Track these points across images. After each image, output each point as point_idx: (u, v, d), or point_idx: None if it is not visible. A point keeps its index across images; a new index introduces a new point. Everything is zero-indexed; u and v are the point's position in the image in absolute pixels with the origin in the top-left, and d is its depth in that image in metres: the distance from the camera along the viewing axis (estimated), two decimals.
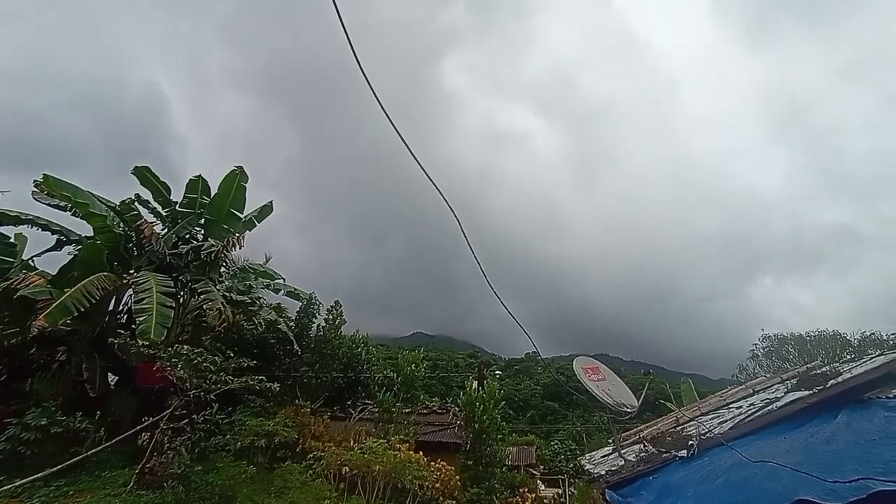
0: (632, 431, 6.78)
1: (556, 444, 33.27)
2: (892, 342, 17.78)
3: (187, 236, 12.94)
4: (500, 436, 14.21)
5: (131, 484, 7.96)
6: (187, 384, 8.48)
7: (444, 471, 10.42)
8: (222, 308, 10.65)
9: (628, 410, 4.55)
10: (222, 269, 13.62)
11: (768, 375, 8.15)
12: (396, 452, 9.74)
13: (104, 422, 9.27)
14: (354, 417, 12.95)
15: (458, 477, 10.81)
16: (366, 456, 9.33)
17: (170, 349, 8.54)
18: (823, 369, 5.36)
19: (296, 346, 14.17)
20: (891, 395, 3.64)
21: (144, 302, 9.45)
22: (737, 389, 6.91)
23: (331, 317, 15.90)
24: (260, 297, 14.49)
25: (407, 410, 13.88)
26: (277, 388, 10.32)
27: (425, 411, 15.58)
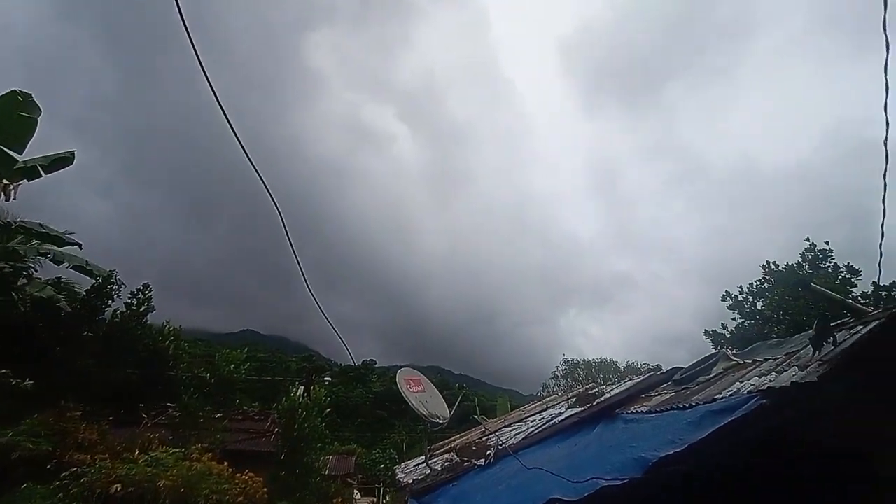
0: (446, 441, 7.28)
1: (378, 452, 33.64)
2: (643, 370, 23.39)
3: None
4: (321, 444, 13.72)
5: None
6: None
7: (250, 483, 9.48)
8: None
9: (440, 422, 4.89)
10: None
11: (560, 394, 9.70)
12: (194, 463, 8.50)
13: None
14: (146, 423, 10.90)
15: (265, 489, 9.97)
16: (150, 469, 7.86)
17: None
18: (595, 390, 6.66)
19: (87, 333, 11.30)
20: (631, 411, 4.72)
21: None
22: (535, 405, 8.04)
23: (134, 302, 13.23)
24: (31, 267, 11.22)
25: (218, 416, 12.33)
26: (30, 386, 7.95)
27: (240, 417, 14.11)
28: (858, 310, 3.43)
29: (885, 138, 2.06)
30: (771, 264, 18.99)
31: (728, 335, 18.92)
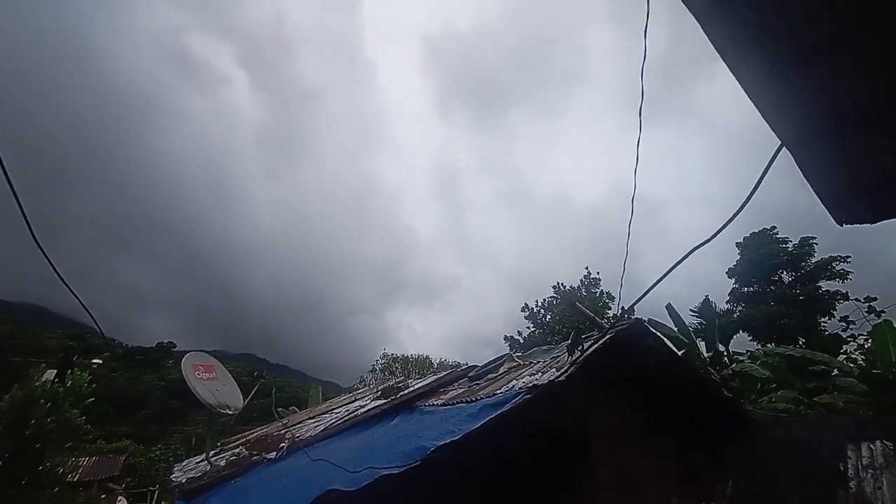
0: (243, 435, 6.64)
1: (160, 449, 28.82)
2: (451, 366, 25.77)
3: None
4: (72, 443, 10.99)
5: None
6: None
7: None
8: None
9: (230, 413, 4.43)
10: None
11: (370, 386, 9.88)
12: None
13: None
14: None
15: None
16: None
17: None
18: (402, 383, 6.99)
19: None
20: (428, 404, 5.09)
21: None
22: (343, 397, 8.01)
23: None
24: None
25: None
26: None
27: None
28: (602, 326, 4.43)
29: (633, 197, 2.70)
30: (560, 284, 23.24)
31: (522, 341, 22.36)
